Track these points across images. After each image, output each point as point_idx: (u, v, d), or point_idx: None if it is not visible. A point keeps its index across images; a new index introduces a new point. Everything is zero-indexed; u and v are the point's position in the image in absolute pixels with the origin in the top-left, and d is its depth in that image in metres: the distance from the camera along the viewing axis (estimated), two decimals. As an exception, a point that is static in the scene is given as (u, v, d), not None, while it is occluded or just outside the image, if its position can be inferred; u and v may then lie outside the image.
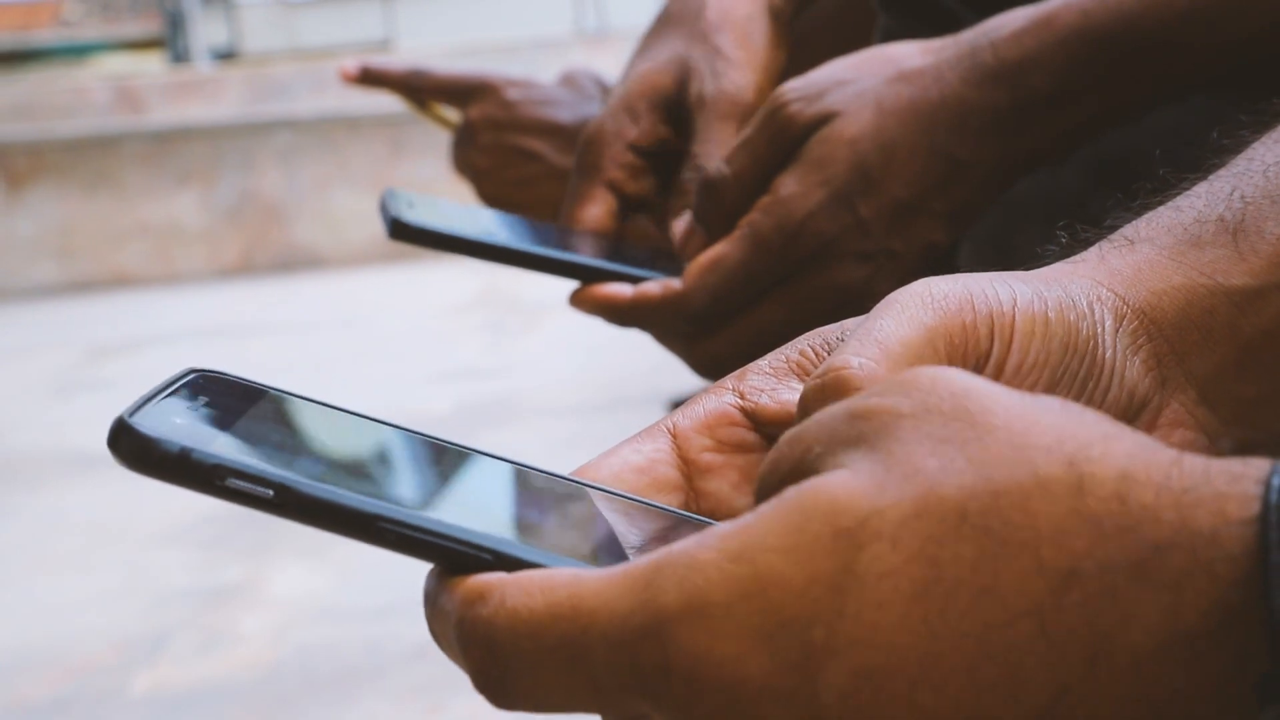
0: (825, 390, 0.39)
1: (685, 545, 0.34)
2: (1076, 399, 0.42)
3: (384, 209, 0.75)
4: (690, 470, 0.44)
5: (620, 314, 0.76)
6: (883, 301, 0.42)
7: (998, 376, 0.41)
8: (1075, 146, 0.71)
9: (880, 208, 0.71)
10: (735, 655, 0.32)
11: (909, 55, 0.72)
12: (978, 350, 0.41)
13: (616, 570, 0.34)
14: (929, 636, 0.32)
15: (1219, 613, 0.30)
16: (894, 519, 0.32)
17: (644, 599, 0.33)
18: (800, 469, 0.36)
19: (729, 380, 0.45)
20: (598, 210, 0.81)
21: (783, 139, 0.72)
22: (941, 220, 0.72)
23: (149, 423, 0.36)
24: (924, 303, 0.41)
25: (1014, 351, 0.42)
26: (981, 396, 0.34)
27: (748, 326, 0.74)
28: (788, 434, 0.37)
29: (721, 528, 0.34)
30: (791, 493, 0.34)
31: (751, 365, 0.45)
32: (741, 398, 0.44)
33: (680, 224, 0.77)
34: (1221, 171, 0.47)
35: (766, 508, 0.34)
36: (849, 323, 0.44)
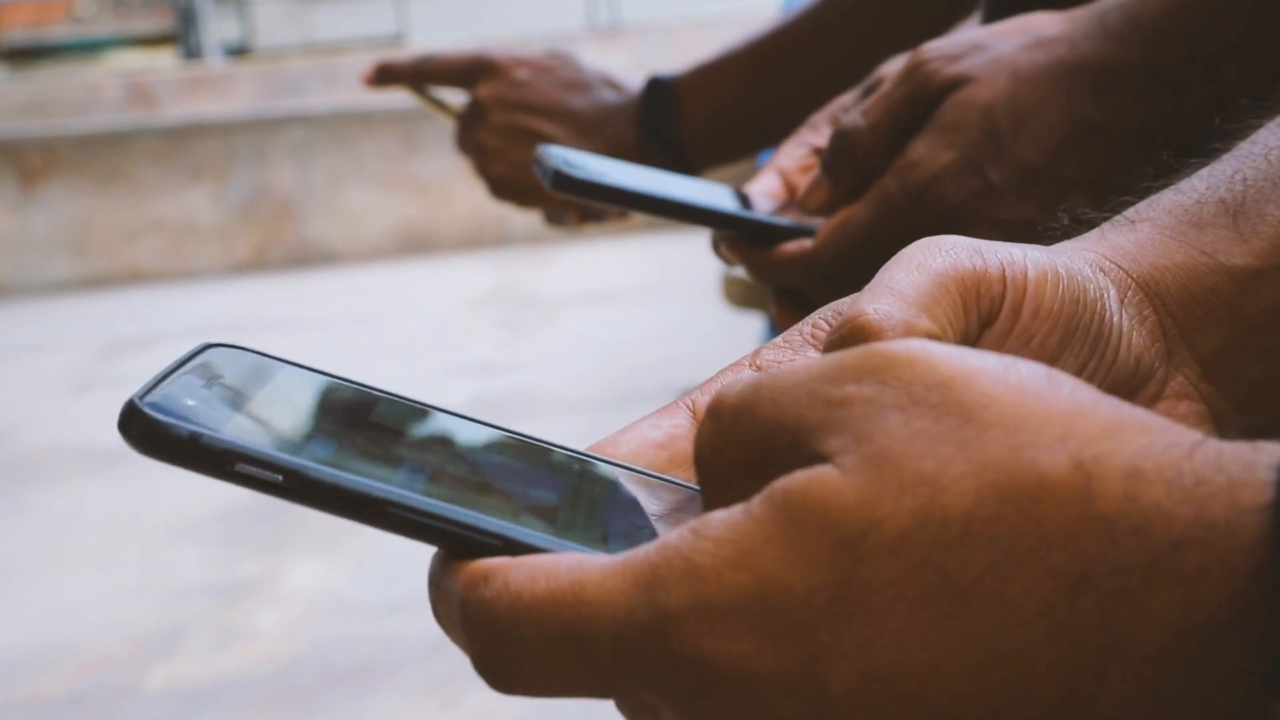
0: (845, 342, 0.39)
1: (680, 544, 0.34)
2: (1088, 358, 0.42)
3: (541, 163, 0.78)
4: None
5: (758, 267, 0.78)
6: (894, 257, 0.42)
7: (1013, 324, 0.41)
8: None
9: (1010, 173, 0.71)
10: (742, 654, 0.32)
11: (1046, 23, 0.72)
12: (990, 294, 0.41)
13: (617, 561, 0.34)
14: (938, 639, 0.32)
15: (1233, 604, 0.30)
16: (894, 531, 0.32)
17: (647, 598, 0.33)
18: (766, 454, 0.35)
19: (745, 358, 0.45)
20: (762, 185, 0.84)
21: (920, 95, 0.73)
22: (1081, 189, 0.71)
23: (160, 405, 0.36)
24: (934, 251, 0.41)
25: (1029, 299, 0.41)
26: (969, 385, 0.33)
27: None
28: (726, 409, 0.36)
29: (713, 525, 0.34)
30: (780, 492, 0.33)
31: (767, 342, 0.45)
32: (759, 371, 0.44)
33: (809, 177, 0.79)
34: (1224, 155, 0.47)
35: (758, 508, 0.33)
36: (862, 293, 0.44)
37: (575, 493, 0.40)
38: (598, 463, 0.42)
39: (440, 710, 2.46)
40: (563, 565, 0.35)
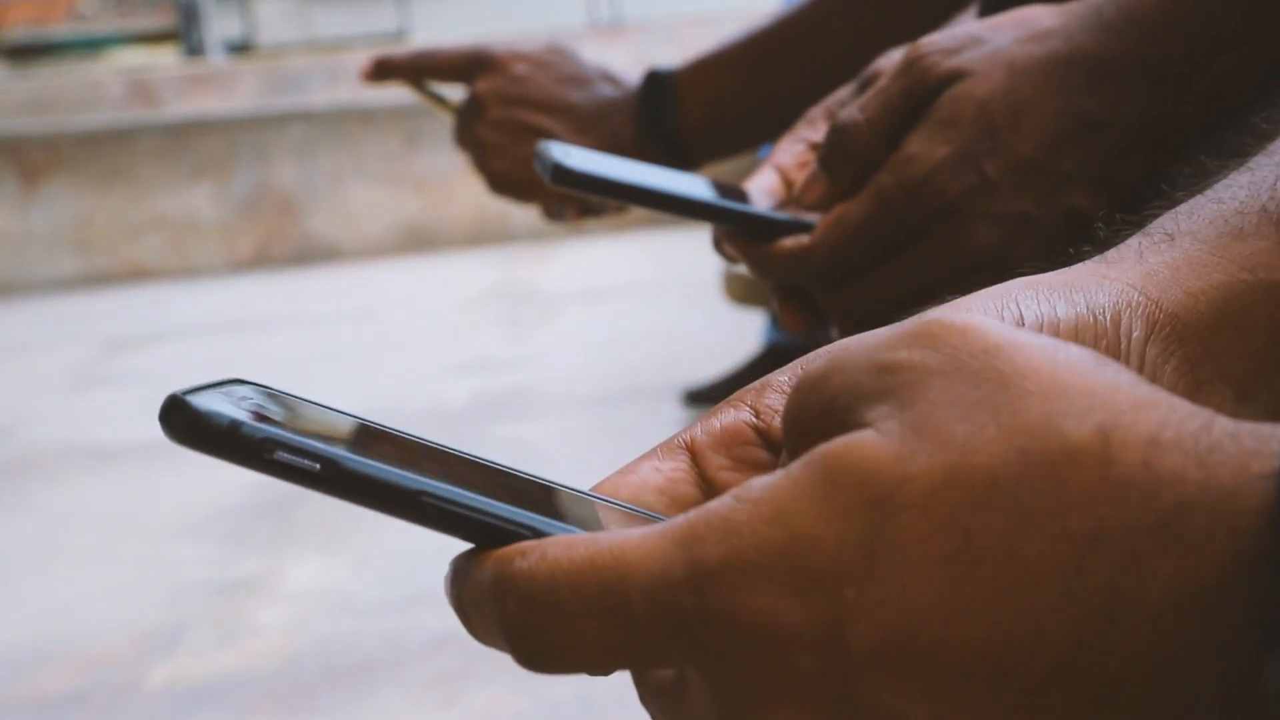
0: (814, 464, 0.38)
1: (719, 506, 0.35)
2: None
3: (541, 158, 0.78)
4: (709, 488, 0.44)
5: (757, 262, 0.78)
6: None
7: None
8: (1225, 112, 0.69)
9: (1006, 167, 0.71)
10: (771, 608, 0.34)
11: (1043, 16, 0.72)
12: None
13: (654, 527, 0.36)
14: (955, 598, 0.33)
15: (1234, 565, 0.31)
16: (924, 487, 0.33)
17: (684, 554, 0.34)
18: (827, 419, 0.36)
19: (749, 395, 0.46)
20: (760, 181, 0.84)
21: (916, 90, 0.73)
22: (1079, 184, 0.70)
23: (200, 400, 0.37)
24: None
25: None
26: (1013, 355, 0.35)
27: (875, 284, 0.74)
28: (808, 379, 0.38)
29: (753, 489, 0.35)
30: (819, 455, 0.35)
31: (771, 379, 0.46)
32: (757, 415, 0.45)
33: (806, 172, 0.79)
34: (1262, 160, 0.47)
35: (797, 470, 0.35)
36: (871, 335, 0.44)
37: (590, 518, 0.41)
38: (603, 503, 0.43)
39: (440, 709, 2.46)
40: (601, 536, 0.36)
